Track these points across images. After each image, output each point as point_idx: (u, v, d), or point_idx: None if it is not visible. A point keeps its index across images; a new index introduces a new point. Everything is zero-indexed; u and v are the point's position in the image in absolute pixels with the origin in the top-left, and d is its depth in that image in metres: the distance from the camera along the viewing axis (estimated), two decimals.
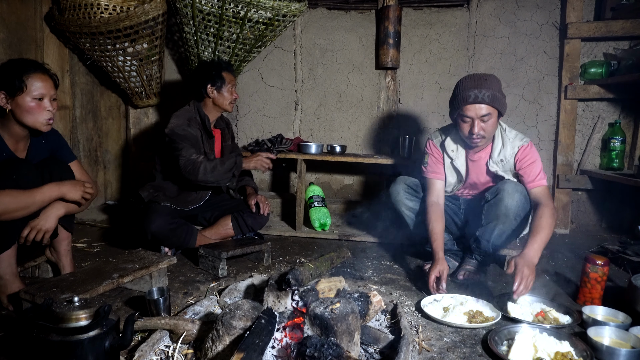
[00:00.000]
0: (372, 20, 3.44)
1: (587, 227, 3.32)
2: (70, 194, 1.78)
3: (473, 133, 2.03)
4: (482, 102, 1.98)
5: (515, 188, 2.07)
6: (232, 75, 2.58)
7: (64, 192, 1.77)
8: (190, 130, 2.47)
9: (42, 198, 1.71)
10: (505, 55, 3.31)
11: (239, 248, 2.31)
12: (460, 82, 2.10)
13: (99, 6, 2.68)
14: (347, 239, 2.93)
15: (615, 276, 2.30)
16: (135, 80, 3.16)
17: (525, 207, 2.09)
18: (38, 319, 1.22)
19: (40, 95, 1.71)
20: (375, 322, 1.66)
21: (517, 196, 2.06)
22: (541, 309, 1.82)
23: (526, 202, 2.08)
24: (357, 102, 3.54)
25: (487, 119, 2.01)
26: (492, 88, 1.99)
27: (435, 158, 2.29)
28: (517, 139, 2.15)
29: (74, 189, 1.80)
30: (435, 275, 1.97)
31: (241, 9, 2.80)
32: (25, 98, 1.69)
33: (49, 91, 1.74)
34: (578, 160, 3.32)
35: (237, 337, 1.28)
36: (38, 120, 1.73)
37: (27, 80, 1.68)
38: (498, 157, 2.15)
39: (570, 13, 3.13)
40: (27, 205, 1.67)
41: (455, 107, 2.08)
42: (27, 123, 1.73)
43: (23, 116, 1.71)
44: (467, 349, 1.54)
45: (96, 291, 1.67)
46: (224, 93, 2.53)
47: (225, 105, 2.57)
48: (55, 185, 1.76)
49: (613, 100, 3.20)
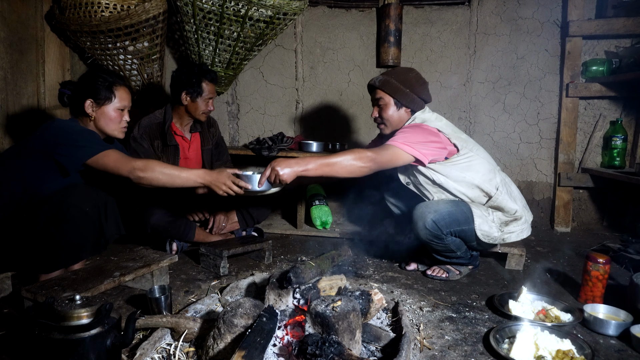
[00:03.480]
0: (373, 18, 3.43)
1: (589, 226, 3.32)
2: (215, 183, 1.84)
3: (372, 116, 2.24)
4: (374, 86, 2.19)
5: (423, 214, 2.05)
6: (212, 86, 2.50)
7: (211, 180, 1.84)
8: (142, 144, 2.47)
9: (187, 177, 1.81)
10: (507, 53, 3.31)
11: (240, 246, 2.31)
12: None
13: (100, 5, 2.68)
14: (348, 237, 2.93)
15: (617, 274, 2.30)
16: (136, 79, 3.16)
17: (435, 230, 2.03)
18: (40, 318, 1.22)
19: (122, 107, 1.87)
20: (376, 320, 1.66)
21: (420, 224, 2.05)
22: (542, 307, 1.82)
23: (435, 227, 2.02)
24: (358, 100, 3.54)
25: (382, 103, 2.17)
26: (389, 74, 2.17)
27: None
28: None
29: (220, 180, 1.84)
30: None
31: (242, 7, 2.80)
32: (110, 108, 1.84)
33: (129, 103, 1.92)
34: (579, 159, 3.31)
35: (239, 335, 1.28)
36: (117, 128, 1.89)
37: (116, 91, 1.84)
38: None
39: (572, 11, 3.13)
40: (174, 178, 1.79)
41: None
42: (106, 130, 1.88)
43: (105, 124, 1.86)
44: (468, 347, 1.54)
45: (98, 289, 1.68)
46: (198, 103, 2.48)
47: (198, 115, 2.52)
48: (207, 171, 1.85)
49: (615, 99, 3.20)
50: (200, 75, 2.44)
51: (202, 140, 2.70)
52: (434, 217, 2.02)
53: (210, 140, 2.74)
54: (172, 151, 2.57)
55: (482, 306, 1.90)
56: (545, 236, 3.08)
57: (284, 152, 3.07)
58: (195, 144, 2.68)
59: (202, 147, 2.70)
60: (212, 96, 2.51)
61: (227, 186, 1.85)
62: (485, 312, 1.83)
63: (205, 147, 2.71)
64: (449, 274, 2.19)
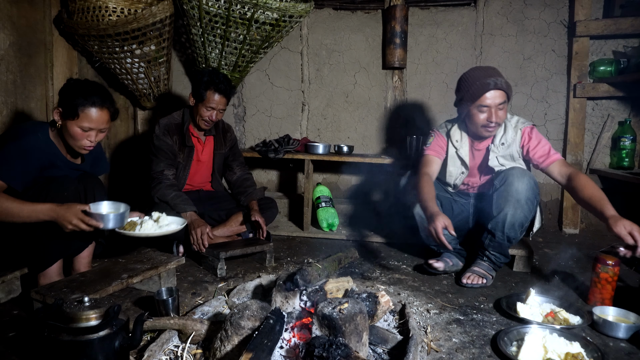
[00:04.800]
0: (378, 20, 3.43)
1: (597, 227, 3.29)
2: (61, 220, 1.66)
3: (492, 121, 2.07)
4: (501, 88, 2.04)
5: (524, 172, 2.09)
6: (218, 96, 2.45)
7: (57, 217, 1.66)
8: (166, 140, 2.50)
9: (30, 214, 1.66)
10: (513, 54, 3.29)
11: (239, 248, 2.30)
12: (468, 76, 2.14)
13: (107, 9, 2.70)
14: (354, 239, 2.92)
15: (626, 276, 2.27)
16: (143, 82, 3.18)
17: (535, 190, 2.09)
18: (49, 319, 1.23)
19: (87, 128, 1.79)
20: (383, 323, 1.66)
21: (526, 179, 2.05)
22: (551, 309, 1.80)
23: (535, 186, 2.09)
24: (364, 102, 3.54)
25: (503, 106, 2.08)
26: (502, 76, 2.10)
27: (439, 143, 2.34)
28: (519, 123, 2.20)
29: (66, 218, 1.65)
30: (441, 226, 1.83)
31: (248, 10, 2.81)
32: (74, 125, 1.77)
33: (98, 125, 1.81)
34: (587, 160, 3.29)
35: (246, 337, 1.28)
36: (75, 145, 1.82)
37: (80, 112, 1.76)
38: (500, 141, 2.19)
39: (579, 11, 3.11)
40: (14, 215, 1.65)
41: (471, 97, 2.09)
42: (69, 143, 1.83)
43: (67, 136, 1.81)
44: (476, 349, 1.53)
45: (106, 291, 1.69)
46: (199, 108, 2.49)
47: (198, 120, 2.53)
48: (53, 207, 1.67)
49: (623, 99, 3.17)
50: (208, 82, 2.44)
51: (216, 144, 2.72)
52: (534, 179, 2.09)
53: (224, 145, 2.75)
54: (188, 152, 2.60)
55: (489, 308, 1.89)
56: (553, 238, 3.06)
57: (290, 154, 3.08)
58: (209, 147, 2.70)
59: (214, 151, 2.72)
60: (214, 106, 2.46)
61: (73, 224, 1.66)
62: (493, 315, 1.82)
63: (218, 151, 2.73)
64: (486, 280, 2.13)
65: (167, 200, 2.41)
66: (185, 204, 2.40)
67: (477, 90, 2.05)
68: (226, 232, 2.54)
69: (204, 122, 2.52)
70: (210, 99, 2.45)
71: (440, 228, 1.84)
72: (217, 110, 2.50)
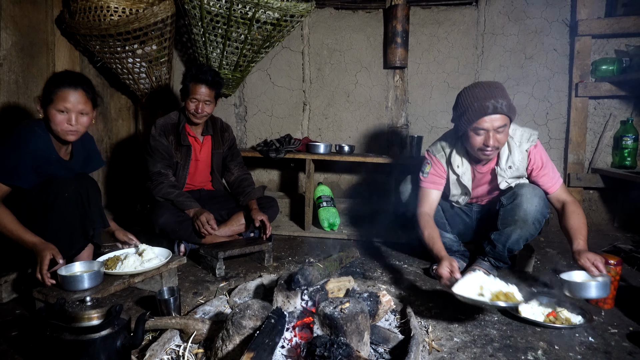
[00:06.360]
0: (379, 19, 3.43)
1: (599, 227, 3.28)
2: (40, 258, 1.66)
3: (489, 145, 1.93)
4: (501, 112, 1.86)
5: (534, 192, 2.00)
6: (203, 87, 2.45)
7: (39, 251, 1.67)
8: (162, 141, 2.52)
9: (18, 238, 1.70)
10: (515, 53, 3.28)
11: (237, 248, 2.30)
12: (467, 94, 1.96)
13: (109, 9, 2.71)
14: (356, 239, 2.92)
15: (628, 276, 2.27)
16: (145, 81, 3.19)
17: (544, 211, 2.01)
18: (51, 319, 1.23)
19: (63, 109, 1.80)
20: (384, 322, 1.66)
21: (536, 201, 1.98)
22: (553, 309, 1.80)
23: (545, 207, 2.02)
24: (366, 101, 3.54)
25: (502, 130, 1.91)
26: (505, 97, 1.88)
27: (437, 172, 2.19)
28: (523, 141, 2.06)
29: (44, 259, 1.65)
30: (448, 270, 1.82)
31: (249, 9, 2.81)
32: (52, 109, 1.80)
33: (74, 106, 1.82)
34: (589, 159, 3.28)
35: (247, 336, 1.28)
36: (59, 130, 1.83)
37: (54, 95, 1.79)
38: (506, 164, 2.07)
39: (581, 10, 3.10)
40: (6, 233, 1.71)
41: (467, 119, 1.93)
42: (53, 130, 1.84)
43: (51, 125, 1.82)
44: (477, 349, 1.53)
45: (107, 291, 1.69)
46: (187, 103, 2.50)
47: (189, 115, 2.54)
48: (40, 243, 1.70)
49: (625, 98, 3.16)
50: (192, 76, 2.46)
51: (214, 143, 2.72)
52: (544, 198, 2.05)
53: (222, 144, 2.76)
54: (185, 151, 2.60)
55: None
56: (555, 237, 3.05)
57: (291, 153, 3.08)
58: (207, 146, 2.71)
59: (212, 151, 2.72)
60: (198, 97, 2.46)
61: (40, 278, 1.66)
62: (494, 314, 1.82)
63: (216, 150, 2.73)
64: None
65: (172, 199, 2.44)
66: (189, 201, 2.46)
67: (474, 113, 1.89)
68: (227, 232, 2.54)
69: (192, 116, 2.52)
70: (193, 91, 2.46)
71: (446, 275, 1.80)
72: (202, 101, 2.48)
